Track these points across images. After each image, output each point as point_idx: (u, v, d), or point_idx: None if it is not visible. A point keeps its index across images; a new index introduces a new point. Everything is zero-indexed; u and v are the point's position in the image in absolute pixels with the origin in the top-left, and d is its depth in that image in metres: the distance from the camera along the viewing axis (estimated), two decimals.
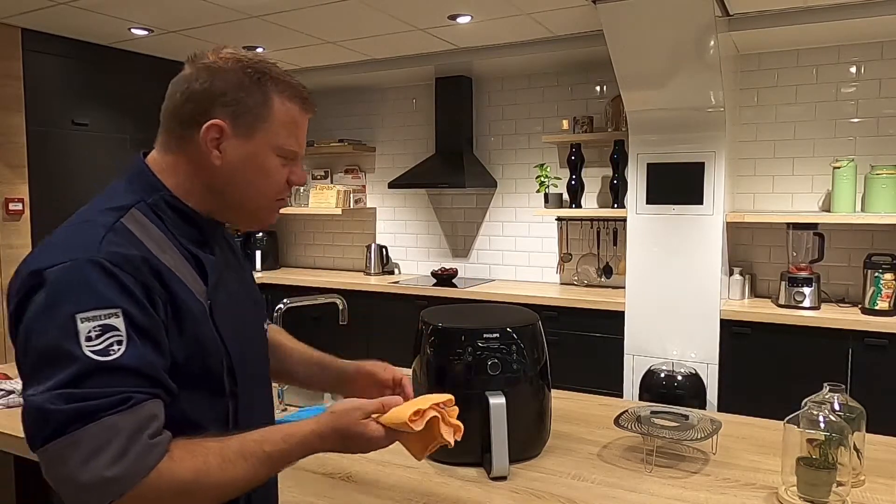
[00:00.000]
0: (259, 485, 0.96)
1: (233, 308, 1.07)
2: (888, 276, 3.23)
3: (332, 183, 5.20)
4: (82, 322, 0.84)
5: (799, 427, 1.32)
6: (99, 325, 0.84)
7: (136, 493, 0.83)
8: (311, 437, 0.98)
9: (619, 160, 3.96)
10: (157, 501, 0.85)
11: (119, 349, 0.85)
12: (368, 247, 4.91)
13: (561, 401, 1.92)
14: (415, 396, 1.60)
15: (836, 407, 1.36)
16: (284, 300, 2.13)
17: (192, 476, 0.87)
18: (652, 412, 1.62)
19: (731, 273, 3.70)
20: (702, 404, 3.31)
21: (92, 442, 0.82)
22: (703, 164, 3.46)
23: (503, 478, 1.44)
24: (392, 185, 4.57)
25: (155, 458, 0.85)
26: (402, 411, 1.04)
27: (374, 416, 1.04)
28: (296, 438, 0.97)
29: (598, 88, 4.27)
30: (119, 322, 0.86)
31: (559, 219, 4.41)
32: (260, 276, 4.76)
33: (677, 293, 3.54)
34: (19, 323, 0.89)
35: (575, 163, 4.10)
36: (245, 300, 1.14)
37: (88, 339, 0.84)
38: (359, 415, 1.02)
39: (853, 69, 3.58)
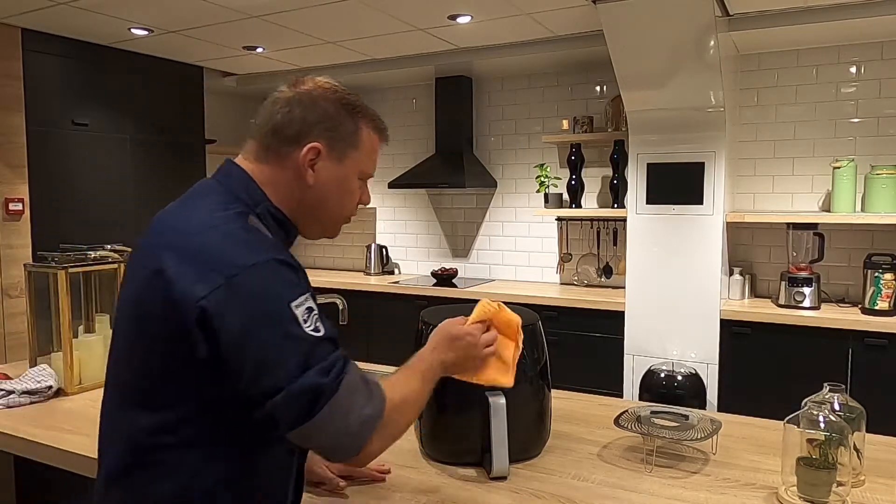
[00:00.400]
0: (426, 401, 1.17)
1: None
2: (888, 276, 3.23)
3: None
4: (295, 308, 0.97)
5: (799, 427, 1.32)
6: (305, 309, 0.98)
7: (384, 421, 1.04)
8: (430, 351, 1.20)
9: (619, 160, 3.96)
10: (391, 422, 1.06)
11: (321, 325, 1.00)
12: (368, 247, 4.91)
13: (561, 401, 1.92)
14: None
15: (836, 407, 1.36)
16: None
17: (400, 397, 1.09)
18: (652, 412, 1.62)
19: (731, 273, 3.70)
20: (702, 404, 3.31)
21: (347, 398, 0.99)
22: (703, 164, 3.46)
23: (503, 478, 1.44)
24: (392, 185, 4.57)
25: (383, 393, 1.06)
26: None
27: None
28: (425, 354, 1.19)
29: (598, 88, 4.27)
30: (312, 303, 1.01)
31: (559, 219, 4.41)
32: None
33: (677, 293, 3.54)
34: (217, 327, 0.94)
35: (575, 163, 4.10)
36: None
37: (304, 321, 0.98)
38: (460, 319, 1.26)
39: (853, 69, 3.58)
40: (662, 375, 3.35)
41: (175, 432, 0.98)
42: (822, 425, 1.30)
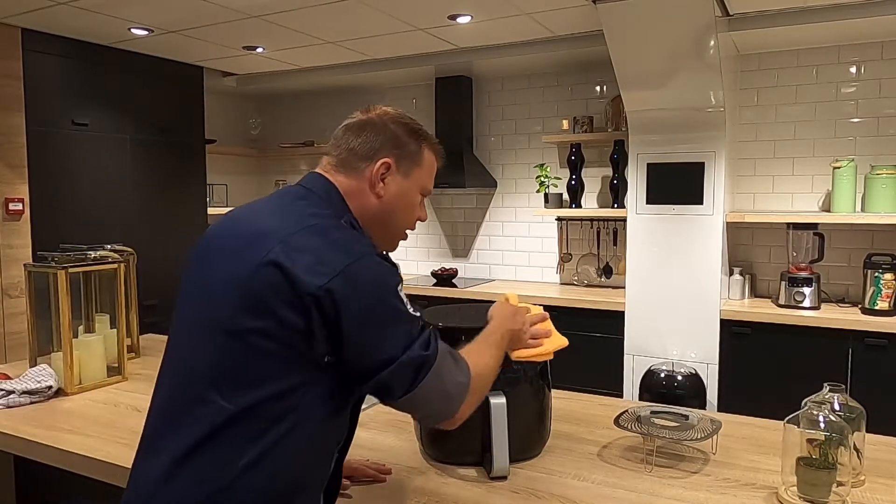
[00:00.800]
0: (499, 368, 1.28)
1: None
2: (888, 276, 3.23)
3: None
4: (399, 292, 1.14)
5: (799, 427, 1.32)
6: (402, 293, 1.15)
7: (472, 387, 1.17)
8: (497, 324, 1.34)
9: (619, 160, 3.96)
10: (476, 388, 1.18)
11: (412, 306, 1.15)
12: None
13: (561, 401, 1.92)
14: None
15: (836, 407, 1.36)
16: None
17: (480, 365, 1.21)
18: (652, 412, 1.62)
19: (731, 273, 3.70)
20: (702, 404, 3.31)
21: (443, 366, 1.13)
22: (703, 164, 3.46)
23: (503, 478, 1.44)
24: None
25: (466, 362, 1.18)
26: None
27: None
28: (493, 328, 1.33)
29: (598, 88, 4.27)
30: (402, 288, 1.16)
31: (559, 219, 4.41)
32: None
33: (677, 293, 3.54)
34: (339, 309, 1.06)
35: (575, 163, 4.10)
36: None
37: (405, 302, 1.14)
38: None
39: (853, 69, 3.58)
40: (662, 375, 3.35)
41: (262, 408, 1.05)
42: (822, 425, 1.30)
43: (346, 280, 1.06)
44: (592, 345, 3.77)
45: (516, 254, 4.61)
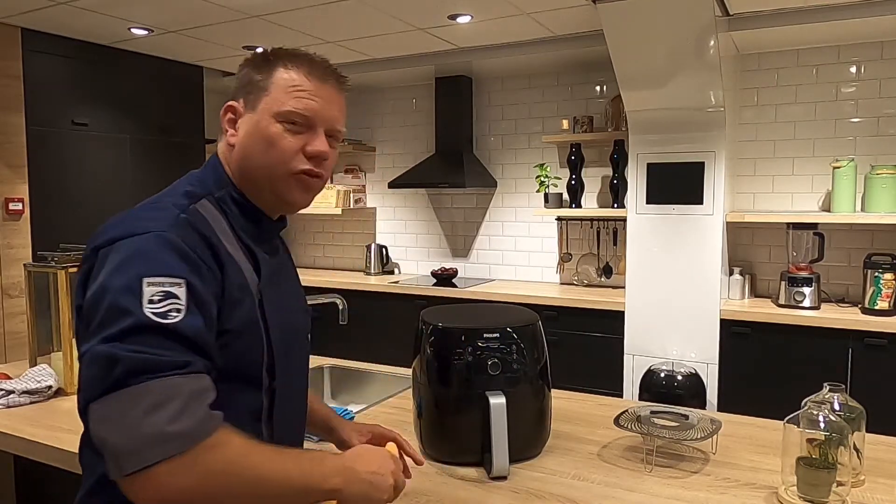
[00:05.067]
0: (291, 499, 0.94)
1: (282, 309, 1.10)
2: (888, 275, 3.23)
3: (331, 183, 5.19)
4: (148, 286, 0.88)
5: (799, 427, 1.32)
6: (162, 291, 0.89)
7: (191, 456, 0.84)
8: (338, 465, 0.99)
9: (619, 160, 3.96)
10: (205, 470, 0.85)
11: (177, 316, 0.88)
12: (368, 247, 4.91)
13: (561, 401, 1.92)
14: (414, 397, 1.60)
15: (836, 407, 1.36)
16: None
17: (240, 454, 0.89)
18: (652, 412, 1.62)
19: (731, 273, 3.70)
20: (702, 404, 3.31)
21: (154, 397, 0.83)
22: (702, 164, 3.46)
23: (503, 478, 1.44)
24: (392, 185, 4.57)
25: (214, 426, 0.88)
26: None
27: None
28: (328, 463, 0.98)
29: (598, 88, 4.27)
30: (181, 292, 0.90)
31: (559, 219, 4.41)
32: None
33: (677, 293, 3.54)
34: (88, 285, 0.93)
35: (575, 163, 4.10)
36: (295, 307, 1.19)
37: (151, 301, 0.88)
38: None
39: (853, 69, 3.58)
40: (662, 375, 3.35)
41: None
42: (822, 425, 1.29)
43: (104, 255, 0.93)
44: (592, 345, 3.77)
45: (516, 254, 4.61)
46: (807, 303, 3.38)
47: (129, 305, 0.87)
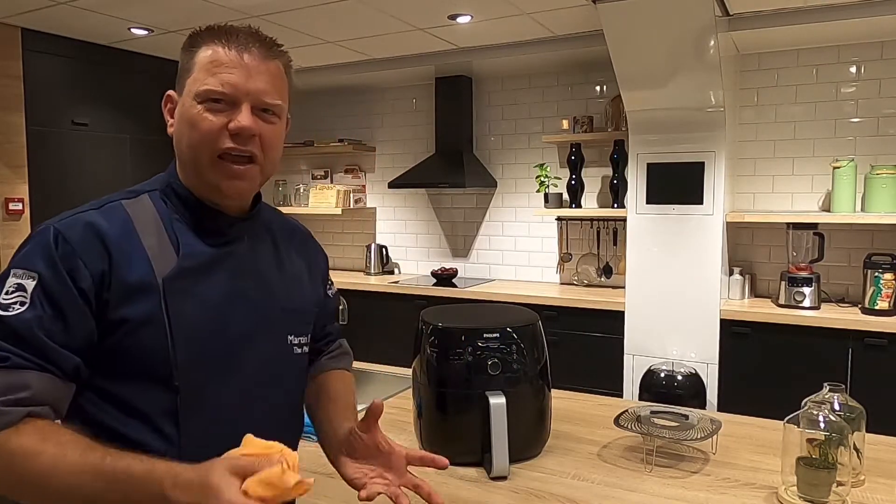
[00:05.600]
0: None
1: (215, 305, 1.03)
2: (888, 275, 3.23)
3: (331, 183, 5.20)
4: (11, 276, 0.91)
5: (799, 427, 1.32)
6: (17, 283, 0.91)
7: None
8: (165, 472, 0.82)
9: (619, 160, 3.96)
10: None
11: (17, 309, 0.89)
12: (368, 247, 4.91)
13: (561, 401, 1.92)
14: (414, 397, 1.60)
15: (836, 407, 1.36)
16: None
17: (21, 451, 0.84)
18: (652, 412, 1.62)
19: (731, 273, 3.70)
20: (702, 404, 3.31)
21: None
22: (703, 164, 3.46)
23: (503, 478, 1.44)
24: (392, 185, 4.57)
25: (3, 421, 0.85)
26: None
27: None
28: (147, 464, 0.83)
29: (598, 88, 4.27)
30: (31, 285, 0.90)
31: (559, 219, 4.41)
32: None
33: (677, 293, 3.54)
34: None
35: (575, 163, 4.10)
36: (256, 301, 1.08)
37: (7, 292, 0.90)
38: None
39: (853, 69, 3.58)
40: (662, 375, 3.35)
41: None
42: (822, 425, 1.30)
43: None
44: (592, 345, 3.77)
45: (516, 254, 4.61)
46: (807, 303, 3.38)
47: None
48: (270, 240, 1.17)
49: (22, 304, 0.89)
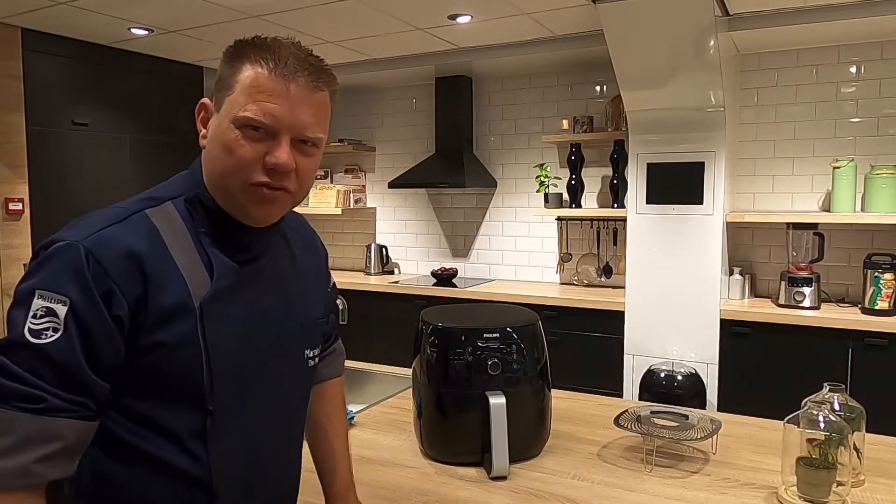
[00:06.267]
0: None
1: (243, 324, 1.01)
2: (888, 275, 3.23)
3: (331, 183, 5.20)
4: (38, 298, 0.85)
5: (799, 427, 1.32)
6: (45, 306, 0.84)
7: None
8: None
9: (619, 160, 3.96)
10: None
11: (51, 336, 0.84)
12: (368, 246, 4.91)
13: (561, 401, 1.92)
14: (414, 397, 1.60)
15: (836, 407, 1.36)
16: None
17: None
18: (652, 412, 1.62)
19: (731, 273, 3.70)
20: (702, 404, 3.31)
21: None
22: (703, 164, 3.46)
23: (503, 478, 1.44)
24: (392, 185, 4.57)
25: (18, 484, 0.81)
26: None
27: None
28: None
29: (598, 88, 4.27)
30: (62, 310, 0.84)
31: (559, 219, 4.41)
32: None
33: (677, 293, 3.54)
34: None
35: (575, 163, 4.10)
36: (278, 317, 1.07)
37: (35, 315, 0.84)
38: None
39: (853, 69, 3.58)
40: (662, 375, 3.35)
41: None
42: (822, 425, 1.30)
43: (35, 262, 0.90)
44: (592, 345, 3.77)
45: (516, 254, 4.61)
46: (807, 303, 3.38)
47: (17, 317, 0.85)
48: (289, 250, 1.14)
49: (55, 330, 0.84)
